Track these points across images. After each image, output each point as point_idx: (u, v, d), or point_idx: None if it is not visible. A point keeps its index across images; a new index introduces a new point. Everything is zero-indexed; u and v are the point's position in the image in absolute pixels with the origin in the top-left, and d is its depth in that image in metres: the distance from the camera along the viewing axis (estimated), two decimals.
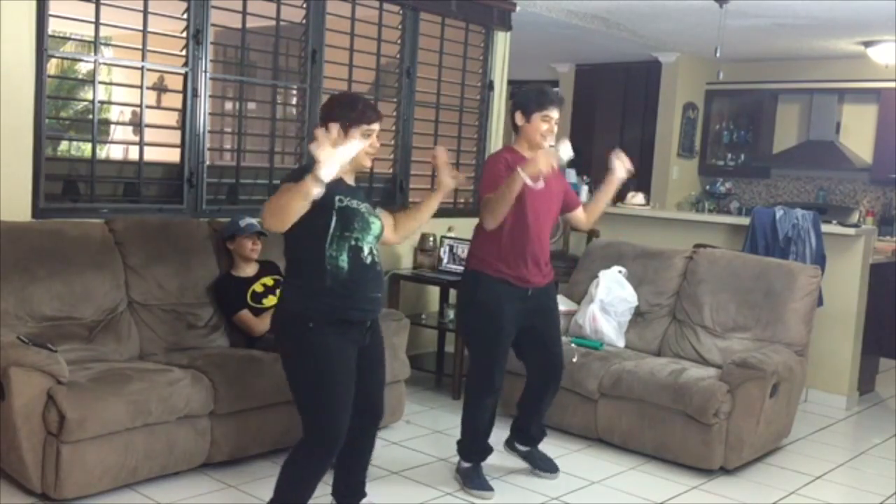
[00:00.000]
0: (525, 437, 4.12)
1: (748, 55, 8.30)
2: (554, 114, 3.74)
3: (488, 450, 3.95)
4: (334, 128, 2.73)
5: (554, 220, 3.95)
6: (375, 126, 2.99)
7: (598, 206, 4.07)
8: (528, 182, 3.46)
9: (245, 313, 4.28)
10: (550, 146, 3.64)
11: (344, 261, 2.90)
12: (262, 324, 4.23)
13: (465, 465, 3.92)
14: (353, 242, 2.93)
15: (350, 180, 3.06)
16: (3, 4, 3.89)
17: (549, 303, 4.01)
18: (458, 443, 3.96)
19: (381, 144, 3.11)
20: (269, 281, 4.40)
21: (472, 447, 3.92)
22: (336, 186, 2.91)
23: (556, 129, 3.77)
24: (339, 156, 2.60)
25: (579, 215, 4.11)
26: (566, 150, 3.59)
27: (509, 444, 4.17)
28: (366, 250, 2.97)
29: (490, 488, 3.83)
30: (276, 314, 3.07)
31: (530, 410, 4.07)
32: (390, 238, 3.31)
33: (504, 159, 3.73)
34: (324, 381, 2.92)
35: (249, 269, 4.40)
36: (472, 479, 3.86)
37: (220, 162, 5.33)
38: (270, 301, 4.30)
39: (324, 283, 2.89)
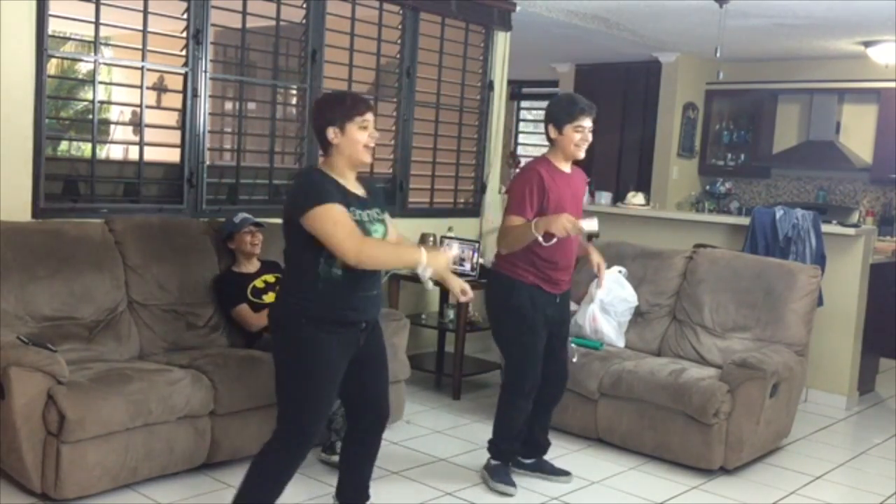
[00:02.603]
0: (532, 449, 4.07)
1: (748, 55, 8.30)
2: (586, 123, 3.70)
3: (518, 450, 3.98)
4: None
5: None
6: (369, 116, 2.96)
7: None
8: (539, 239, 3.57)
9: (244, 307, 4.28)
10: (583, 220, 3.58)
11: (337, 268, 2.89)
12: (260, 320, 4.22)
13: (495, 462, 3.92)
14: None
15: (355, 187, 3.02)
16: (3, 4, 3.89)
17: (568, 311, 4.03)
18: (490, 443, 3.95)
19: (378, 138, 3.08)
20: (270, 278, 4.40)
21: (506, 447, 3.92)
22: (342, 195, 2.91)
23: (590, 137, 3.74)
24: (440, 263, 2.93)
25: None
26: (591, 225, 3.60)
27: (516, 465, 4.10)
28: None
29: (513, 484, 3.85)
30: (272, 308, 3.10)
31: (538, 419, 4.03)
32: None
33: (538, 174, 3.68)
34: (311, 378, 2.91)
35: (251, 266, 4.40)
36: (498, 473, 3.87)
37: (220, 162, 5.33)
38: (270, 298, 4.30)
39: (316, 286, 2.89)
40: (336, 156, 2.96)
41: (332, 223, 2.80)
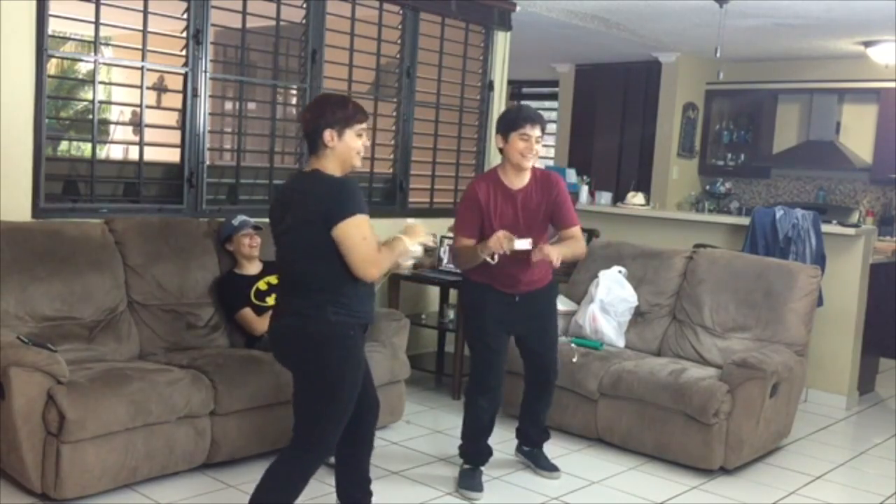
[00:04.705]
0: (526, 440, 4.17)
1: (748, 55, 8.30)
2: (530, 131, 3.67)
3: (486, 452, 3.95)
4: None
5: (538, 237, 3.75)
6: (366, 125, 3.03)
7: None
8: (488, 259, 3.60)
9: (247, 311, 4.28)
10: (516, 241, 3.57)
11: None
12: (264, 323, 4.22)
13: (465, 466, 3.93)
14: None
15: None
16: (3, 4, 3.89)
17: (541, 307, 3.94)
18: (459, 446, 3.97)
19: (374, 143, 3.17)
20: (273, 279, 4.38)
21: (468, 448, 3.93)
22: None
23: (536, 146, 3.70)
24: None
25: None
26: (521, 244, 3.59)
27: (518, 449, 4.21)
28: None
29: (478, 489, 3.82)
30: (303, 329, 2.91)
31: (527, 415, 4.13)
32: None
33: (475, 195, 3.73)
34: (349, 388, 2.94)
35: (253, 268, 4.40)
36: (464, 479, 3.87)
37: (220, 162, 5.33)
38: (273, 300, 4.29)
39: (356, 293, 2.93)
40: (329, 158, 2.95)
41: (362, 237, 2.84)
